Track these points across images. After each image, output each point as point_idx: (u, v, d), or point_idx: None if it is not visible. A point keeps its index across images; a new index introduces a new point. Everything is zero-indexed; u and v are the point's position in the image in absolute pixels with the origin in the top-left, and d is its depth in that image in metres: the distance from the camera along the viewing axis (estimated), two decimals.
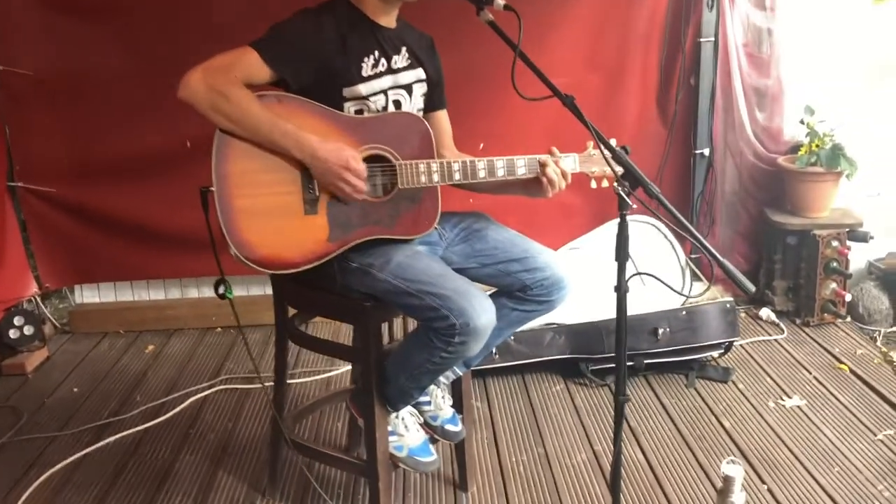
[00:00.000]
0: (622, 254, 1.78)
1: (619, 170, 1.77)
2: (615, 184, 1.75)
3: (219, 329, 3.75)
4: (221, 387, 3.16)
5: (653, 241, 3.40)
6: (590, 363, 3.06)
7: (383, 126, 1.97)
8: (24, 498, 2.44)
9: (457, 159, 2.00)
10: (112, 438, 2.77)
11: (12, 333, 3.34)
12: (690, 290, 3.32)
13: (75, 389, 3.18)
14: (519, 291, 2.11)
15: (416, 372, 1.97)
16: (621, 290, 1.80)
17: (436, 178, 1.98)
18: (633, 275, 1.83)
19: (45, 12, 3.33)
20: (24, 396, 3.14)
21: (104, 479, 2.54)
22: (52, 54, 3.39)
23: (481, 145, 3.37)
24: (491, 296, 2.13)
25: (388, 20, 2.06)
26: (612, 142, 2.08)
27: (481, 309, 1.84)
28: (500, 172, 2.03)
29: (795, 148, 3.51)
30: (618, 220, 1.76)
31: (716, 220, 3.66)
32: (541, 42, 3.38)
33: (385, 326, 2.36)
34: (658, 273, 1.94)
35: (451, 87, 2.28)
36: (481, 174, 2.02)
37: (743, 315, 3.63)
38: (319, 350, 2.23)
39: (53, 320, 3.77)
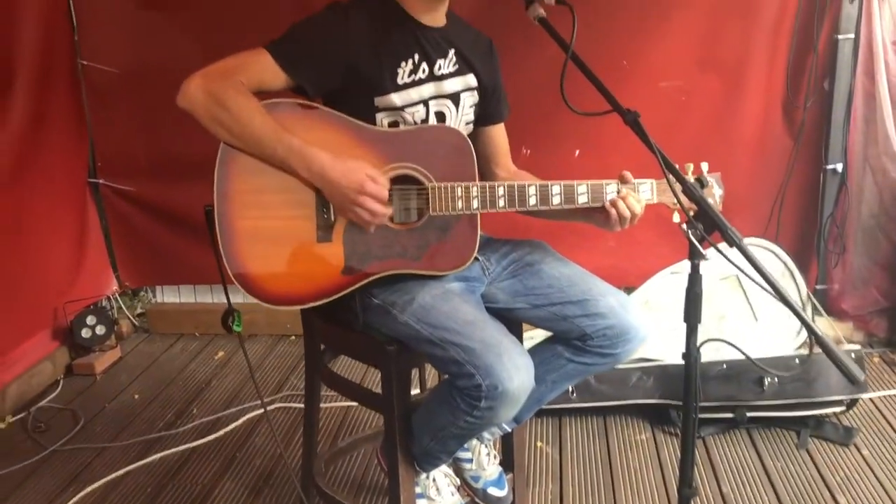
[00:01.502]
0: (692, 314, 1.42)
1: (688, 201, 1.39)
2: (684, 225, 1.37)
3: (293, 337, 3.61)
4: (280, 404, 2.99)
5: (769, 268, 2.93)
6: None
7: (416, 141, 1.68)
8: None
9: (503, 182, 1.68)
10: (158, 456, 2.65)
11: (84, 333, 3.30)
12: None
13: (136, 396, 3.10)
14: (577, 340, 1.77)
15: (440, 434, 1.68)
16: (690, 357, 1.44)
17: (475, 204, 1.67)
18: (706, 341, 1.46)
19: (129, 8, 3.27)
20: (87, 399, 3.09)
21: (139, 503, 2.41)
22: (135, 51, 3.34)
23: (526, 151, 3.00)
24: (545, 342, 1.83)
25: (434, 18, 1.76)
26: (705, 166, 1.73)
27: (514, 368, 1.52)
28: (556, 200, 1.70)
29: None
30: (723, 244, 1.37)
31: (848, 247, 3.13)
32: (643, 38, 3.00)
33: (416, 371, 2.08)
34: (776, 308, 1.53)
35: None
36: (531, 202, 1.69)
37: (876, 360, 3.10)
38: (345, 394, 1.99)
39: (132, 318, 3.74)
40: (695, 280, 1.40)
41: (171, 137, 3.36)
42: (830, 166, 3.08)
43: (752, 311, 2.81)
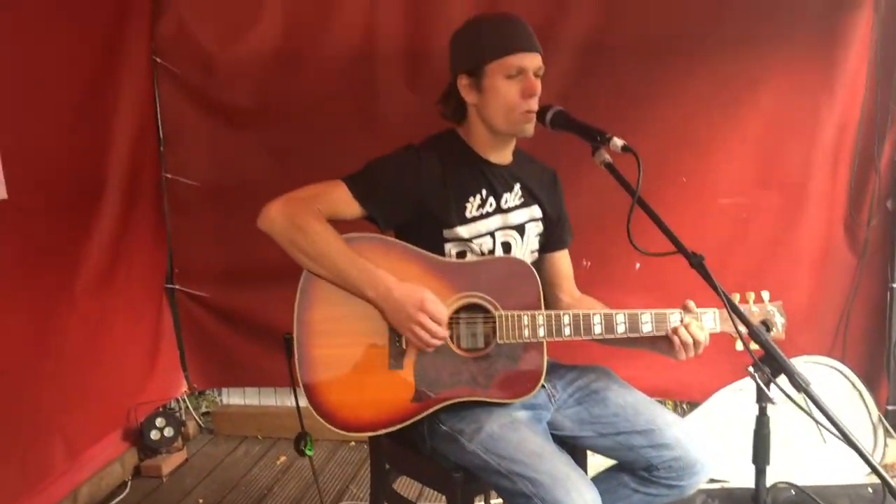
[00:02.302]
0: (760, 456, 1.43)
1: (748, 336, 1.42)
2: (751, 367, 1.40)
3: (352, 443, 3.63)
4: None
5: (836, 388, 2.89)
6: None
7: (484, 271, 1.76)
8: None
9: (568, 311, 1.74)
10: None
11: (153, 435, 3.39)
12: (883, 456, 2.75)
13: (201, 500, 3.15)
14: (643, 470, 1.78)
15: None
16: (760, 500, 1.43)
17: (541, 332, 1.72)
18: (775, 484, 1.46)
19: (213, 126, 3.48)
20: (154, 502, 3.15)
21: None
22: (216, 166, 3.53)
23: (586, 263, 3.04)
24: (610, 470, 1.85)
25: (501, 156, 1.87)
26: (766, 295, 1.76)
27: (581, 503, 1.53)
28: (621, 329, 1.74)
29: None
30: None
31: None
32: (703, 155, 3.06)
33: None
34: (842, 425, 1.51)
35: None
36: (596, 330, 1.74)
37: None
38: None
39: (198, 419, 3.83)
40: (762, 422, 1.41)
41: (243, 248, 3.51)
42: None
43: (819, 433, 2.75)
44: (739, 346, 1.75)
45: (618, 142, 1.60)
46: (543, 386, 1.81)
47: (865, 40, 2.90)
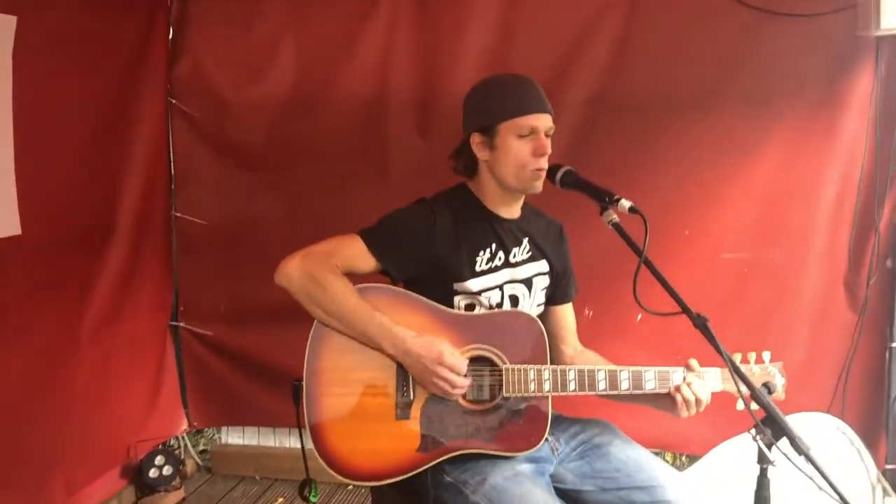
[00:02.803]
0: None
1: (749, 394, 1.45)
2: (753, 430, 1.43)
3: (350, 487, 3.62)
4: None
5: (835, 445, 2.90)
6: None
7: (492, 325, 1.80)
8: None
9: (573, 366, 1.77)
10: None
11: (152, 473, 3.38)
12: None
13: None
14: None
15: None
16: None
17: (547, 386, 1.75)
18: None
19: (224, 166, 3.53)
20: None
21: None
22: (225, 205, 3.57)
23: (588, 312, 3.07)
24: None
25: (510, 211, 1.92)
26: (767, 356, 1.79)
27: None
28: (624, 385, 1.78)
29: None
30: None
31: None
32: (707, 210, 3.11)
33: None
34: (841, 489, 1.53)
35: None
36: (601, 386, 1.77)
37: None
38: None
39: (196, 458, 3.82)
40: (762, 484, 1.43)
41: (248, 288, 3.56)
42: None
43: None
44: (741, 405, 1.78)
45: (625, 203, 1.65)
46: (547, 439, 1.83)
47: (865, 103, 2.97)
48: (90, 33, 2.92)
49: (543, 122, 1.82)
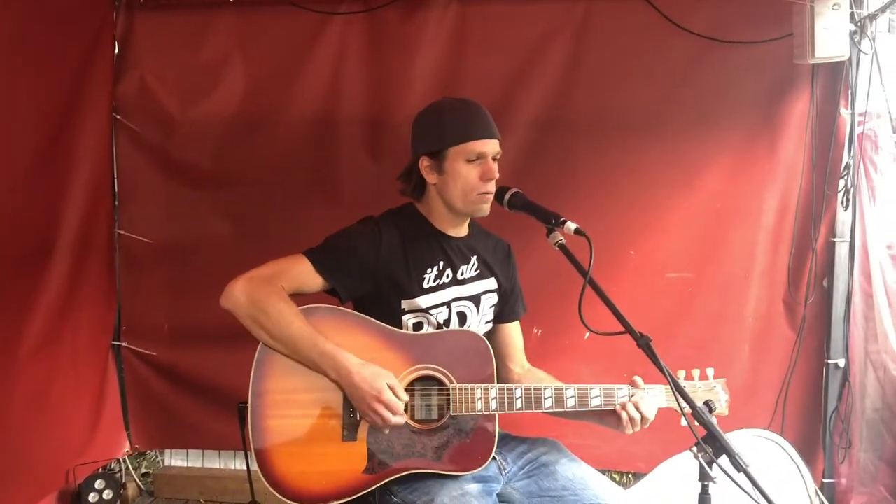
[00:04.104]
0: None
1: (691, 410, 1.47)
2: (694, 448, 1.45)
3: None
4: None
5: (775, 461, 2.96)
6: None
7: (439, 344, 1.80)
8: None
9: (520, 385, 1.79)
10: None
11: (91, 497, 3.29)
12: None
13: None
14: None
15: None
16: None
17: (494, 405, 1.76)
18: None
19: (167, 184, 3.47)
20: None
21: None
22: (169, 224, 3.50)
23: (537, 331, 3.11)
24: None
25: (458, 230, 1.94)
26: (710, 372, 1.83)
27: None
28: (570, 403, 1.80)
29: None
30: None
31: (854, 442, 3.15)
32: (651, 231, 3.18)
33: None
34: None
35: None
36: (547, 404, 1.79)
37: None
38: None
39: (139, 482, 3.73)
40: (704, 501, 1.46)
41: (193, 307, 3.49)
42: (833, 361, 3.16)
43: None
44: (685, 421, 1.82)
45: (571, 225, 1.68)
46: (494, 458, 1.83)
47: (802, 127, 3.08)
48: (32, 48, 2.86)
49: (491, 147, 1.85)
